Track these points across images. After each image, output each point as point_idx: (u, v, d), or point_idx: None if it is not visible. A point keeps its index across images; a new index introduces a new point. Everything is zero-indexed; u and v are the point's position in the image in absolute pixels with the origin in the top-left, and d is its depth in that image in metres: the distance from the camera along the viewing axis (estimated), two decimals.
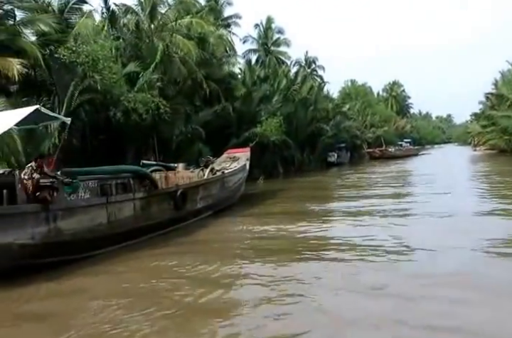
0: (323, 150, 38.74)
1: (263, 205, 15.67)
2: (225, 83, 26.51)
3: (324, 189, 23.00)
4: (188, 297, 6.42)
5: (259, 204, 15.80)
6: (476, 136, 54.16)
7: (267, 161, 29.28)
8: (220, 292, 6.60)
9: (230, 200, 14.32)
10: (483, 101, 52.72)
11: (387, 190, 18.89)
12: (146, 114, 15.66)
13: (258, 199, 17.51)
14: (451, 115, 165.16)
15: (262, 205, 15.69)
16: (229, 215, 13.17)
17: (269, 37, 51.47)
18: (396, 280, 6.73)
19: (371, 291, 6.30)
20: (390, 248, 8.52)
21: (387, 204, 14.13)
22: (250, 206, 15.45)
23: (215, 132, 25.86)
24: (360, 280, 6.78)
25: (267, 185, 24.89)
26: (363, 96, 66.88)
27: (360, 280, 6.82)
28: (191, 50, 22.94)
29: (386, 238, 9.34)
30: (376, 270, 7.29)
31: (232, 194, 14.56)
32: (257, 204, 15.90)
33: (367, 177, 27.30)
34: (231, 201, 14.43)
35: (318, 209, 14.68)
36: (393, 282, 6.66)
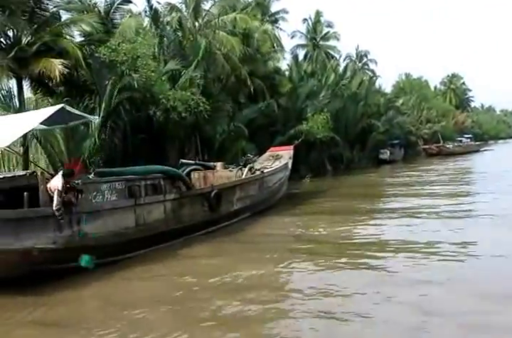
0: (375, 147, 37.40)
1: (306, 205, 15.00)
2: (269, 79, 25.94)
3: (373, 187, 22.00)
4: (225, 307, 5.93)
5: (302, 205, 15.16)
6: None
7: (313, 159, 28.51)
8: (262, 301, 6.05)
9: (271, 201, 13.79)
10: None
11: (443, 190, 17.70)
12: (186, 112, 15.37)
13: (302, 199, 16.84)
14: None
15: (306, 205, 15.02)
16: (268, 216, 12.64)
17: (318, 32, 50.49)
18: (477, 304, 5.57)
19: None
20: (458, 256, 7.71)
21: (445, 205, 13.20)
22: (293, 206, 14.86)
23: (259, 130, 25.41)
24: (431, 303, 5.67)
25: (314, 184, 24.16)
26: (418, 90, 64.30)
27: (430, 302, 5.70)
28: (235, 46, 22.55)
29: (451, 242, 8.56)
30: (446, 290, 6.10)
31: (273, 195, 14.00)
32: (301, 204, 15.26)
33: (421, 175, 25.91)
34: (271, 201, 13.89)
35: (368, 208, 13.96)
36: (473, 306, 5.54)
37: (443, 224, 10.74)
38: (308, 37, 51.14)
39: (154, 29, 20.28)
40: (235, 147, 21.99)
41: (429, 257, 7.78)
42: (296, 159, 28.05)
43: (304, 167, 27.69)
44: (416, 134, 53.81)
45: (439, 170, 29.33)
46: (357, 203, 15.25)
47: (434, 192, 17.00)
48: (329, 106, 31.32)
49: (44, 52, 14.77)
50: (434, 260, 7.63)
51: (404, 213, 12.51)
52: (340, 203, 15.86)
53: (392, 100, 44.98)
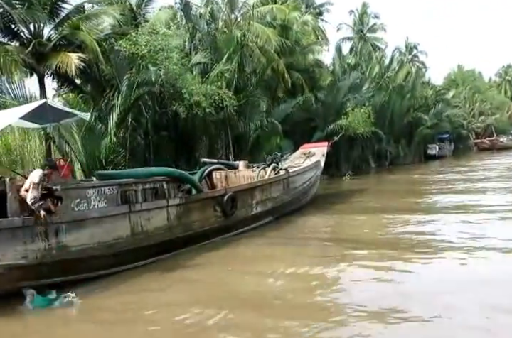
0: (422, 142, 35.38)
1: (340, 208, 13.70)
2: (309, 72, 24.73)
3: (417, 186, 20.35)
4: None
5: (336, 207, 13.88)
6: None
7: (356, 156, 27.11)
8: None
9: (298, 203, 12.68)
10: None
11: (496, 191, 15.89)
12: (210, 108, 14.44)
13: (337, 201, 15.52)
14: None
15: (340, 208, 13.73)
16: (295, 221, 11.55)
17: (365, 23, 48.43)
18: None
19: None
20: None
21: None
22: (325, 209, 13.65)
23: (297, 125, 24.28)
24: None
25: (354, 182, 22.79)
26: (470, 82, 61.05)
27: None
28: (271, 38, 21.48)
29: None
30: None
31: (301, 196, 12.87)
32: (334, 206, 14.00)
33: (470, 171, 23.98)
34: (299, 203, 12.77)
35: (413, 219, 11.28)
36: None
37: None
38: (355, 30, 49.25)
39: (186, 22, 19.47)
40: (269, 144, 20.97)
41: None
42: (337, 156, 26.89)
43: (346, 165, 26.39)
44: (467, 128, 51.01)
45: (490, 167, 27.15)
46: (396, 206, 13.85)
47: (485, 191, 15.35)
48: (373, 99, 29.82)
49: (63, 46, 14.28)
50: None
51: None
52: (376, 204, 14.55)
53: (442, 92, 42.45)
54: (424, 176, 25.05)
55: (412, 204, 14.42)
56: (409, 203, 14.61)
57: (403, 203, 14.65)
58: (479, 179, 20.21)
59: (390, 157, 31.36)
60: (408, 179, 23.95)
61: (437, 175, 25.89)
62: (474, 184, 18.61)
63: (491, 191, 15.85)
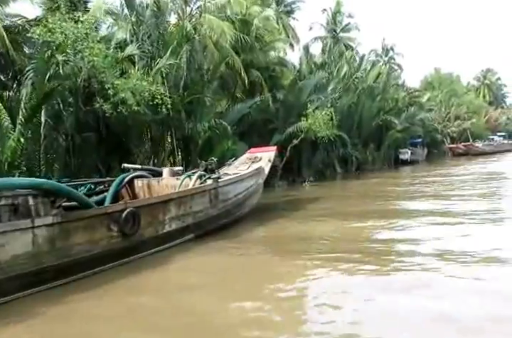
0: (394, 146, 34.08)
1: (282, 223, 11.99)
2: (269, 71, 23.10)
3: (379, 194, 18.92)
4: None
5: (277, 221, 12.21)
6: None
7: (319, 161, 25.57)
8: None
9: (231, 216, 11.02)
10: None
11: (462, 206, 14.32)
12: (138, 106, 12.71)
13: (283, 212, 13.90)
14: None
15: (281, 222, 12.01)
16: (222, 237, 9.88)
17: (338, 23, 47.17)
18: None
19: None
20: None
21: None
22: (264, 220, 12.02)
23: (255, 127, 22.69)
24: None
25: (313, 189, 21.26)
26: (447, 86, 60.31)
27: None
28: (226, 32, 19.82)
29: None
30: None
31: (235, 208, 11.20)
32: (277, 219, 12.34)
33: (438, 180, 22.65)
34: (233, 216, 11.11)
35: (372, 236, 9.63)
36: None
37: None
38: (328, 29, 47.98)
39: (128, 12, 17.74)
40: (221, 147, 19.30)
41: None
42: (298, 161, 25.35)
43: (308, 170, 24.85)
44: (442, 132, 50.09)
45: (462, 173, 25.90)
46: (345, 212, 12.31)
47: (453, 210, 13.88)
48: (340, 101, 28.42)
49: None
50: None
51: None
52: (325, 211, 12.98)
53: (416, 95, 41.27)
54: (391, 182, 23.64)
55: (365, 211, 13.04)
56: (364, 210, 13.25)
57: (355, 210, 13.47)
58: (447, 186, 18.92)
59: (358, 162, 29.95)
60: (370, 187, 22.54)
61: (404, 181, 24.62)
62: (440, 191, 17.37)
63: (457, 199, 14.82)
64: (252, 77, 22.68)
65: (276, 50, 23.50)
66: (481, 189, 17.29)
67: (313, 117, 21.00)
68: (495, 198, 14.92)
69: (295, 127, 21.64)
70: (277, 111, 23.82)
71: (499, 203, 13.78)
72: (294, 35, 41.99)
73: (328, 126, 21.40)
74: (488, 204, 13.34)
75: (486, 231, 9.44)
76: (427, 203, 14.54)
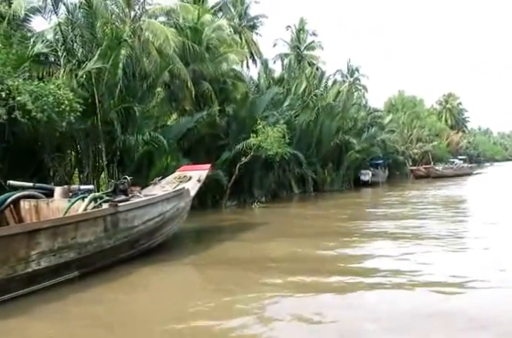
0: (353, 167, 32.85)
1: (205, 254, 10.20)
2: (219, 83, 21.52)
3: (330, 218, 17.34)
4: None
5: (200, 251, 10.41)
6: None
7: (273, 180, 23.94)
8: None
9: (138, 247, 9.11)
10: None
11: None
12: (42, 112, 10.75)
13: (211, 241, 12.05)
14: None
15: (203, 254, 10.22)
16: (122, 275, 7.99)
17: (302, 40, 46.52)
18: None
19: None
20: None
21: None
22: (178, 255, 10.09)
23: (202, 143, 20.96)
24: None
25: (262, 211, 19.54)
26: (410, 108, 60.40)
27: None
28: (169, 39, 18.18)
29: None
30: None
31: (144, 238, 9.28)
32: (198, 250, 10.53)
33: (395, 203, 21.33)
34: (140, 248, 9.20)
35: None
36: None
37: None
38: (291, 46, 47.25)
39: (54, 10, 15.91)
40: (161, 162, 17.47)
41: None
42: (250, 180, 23.68)
43: (260, 190, 23.15)
44: (404, 154, 49.57)
45: (419, 196, 24.76)
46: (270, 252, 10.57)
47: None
48: (298, 118, 27.11)
49: None
50: None
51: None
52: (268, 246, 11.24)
53: (377, 116, 40.47)
54: (349, 204, 22.21)
55: (314, 232, 11.59)
56: (313, 232, 11.98)
57: (296, 232, 12.03)
58: (402, 209, 17.54)
59: (316, 182, 28.55)
60: (328, 207, 21.06)
61: (362, 203, 23.22)
62: (396, 214, 16.03)
63: (411, 222, 13.77)
64: (203, 88, 21.10)
65: (230, 62, 21.86)
66: (436, 215, 15.99)
67: (263, 134, 19.41)
68: (450, 225, 13.57)
69: (244, 144, 19.96)
70: (229, 126, 22.21)
71: (455, 230, 12.39)
72: (257, 50, 41.00)
73: (279, 144, 19.83)
74: (443, 229, 12.04)
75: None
76: (382, 225, 13.80)
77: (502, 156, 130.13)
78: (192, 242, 12.74)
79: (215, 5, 31.45)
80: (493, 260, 8.51)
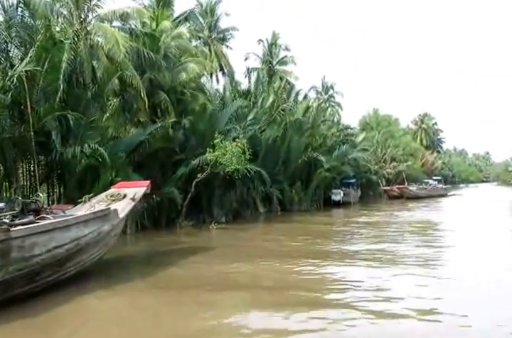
0: (323, 186, 31.56)
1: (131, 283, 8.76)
2: (176, 93, 20.09)
3: (293, 240, 15.81)
4: None
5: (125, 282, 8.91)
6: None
7: (234, 199, 22.37)
8: None
9: (40, 281, 7.47)
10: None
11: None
12: None
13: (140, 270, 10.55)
14: (489, 153, 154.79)
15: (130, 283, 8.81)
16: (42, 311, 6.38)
17: (274, 55, 45.56)
18: None
19: None
20: None
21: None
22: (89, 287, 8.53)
23: (156, 157, 19.36)
24: None
25: (220, 233, 17.97)
26: (385, 127, 59.82)
27: None
28: (119, 43, 16.71)
29: None
30: None
31: (49, 269, 7.63)
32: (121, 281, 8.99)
33: (363, 225, 19.98)
34: (44, 281, 7.56)
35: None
36: None
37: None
38: (264, 60, 46.25)
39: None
40: (104, 178, 15.81)
41: None
42: (209, 198, 22.10)
43: (221, 210, 21.56)
44: (378, 173, 48.57)
45: (385, 223, 23.40)
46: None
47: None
48: (264, 133, 25.78)
49: None
50: None
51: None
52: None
53: (349, 133, 39.42)
54: (314, 225, 20.80)
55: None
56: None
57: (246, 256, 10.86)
58: (370, 233, 16.17)
59: (283, 202, 27.11)
60: (290, 229, 19.57)
61: (329, 225, 21.74)
62: (362, 238, 14.70)
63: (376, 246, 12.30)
64: (159, 99, 19.64)
65: (190, 72, 20.41)
66: (402, 241, 14.66)
67: (220, 149, 17.94)
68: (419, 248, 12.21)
69: (200, 159, 18.44)
70: (187, 139, 20.71)
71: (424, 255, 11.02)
72: (226, 63, 39.84)
73: (239, 160, 18.35)
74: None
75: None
76: (344, 249, 12.95)
77: (476, 177, 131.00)
78: (134, 267, 11.28)
79: (182, 14, 30.25)
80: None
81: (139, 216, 17.39)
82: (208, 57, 38.83)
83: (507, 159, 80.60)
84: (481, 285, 8.40)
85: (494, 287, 8.20)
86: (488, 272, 9.63)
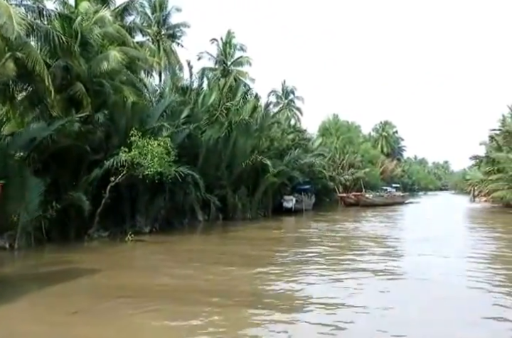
0: (271, 192, 29.32)
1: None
2: (92, 84, 17.45)
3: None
4: None
5: None
6: (477, 185, 44.25)
7: (160, 206, 19.74)
8: None
9: None
10: (486, 142, 43.38)
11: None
12: None
13: None
14: (448, 161, 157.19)
15: None
16: None
17: (229, 55, 43.33)
18: None
19: None
20: None
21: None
22: None
23: (66, 157, 16.62)
24: None
25: (133, 248, 15.38)
26: (344, 133, 58.39)
27: None
28: (13, 20, 13.96)
29: None
30: None
31: None
32: None
33: (306, 236, 17.80)
34: None
35: None
36: None
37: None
38: (218, 60, 43.93)
39: None
40: None
41: None
42: (132, 205, 19.42)
43: (146, 219, 18.94)
44: (335, 180, 46.84)
45: (332, 230, 21.35)
46: None
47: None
48: (205, 133, 23.39)
49: None
50: None
51: None
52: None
53: (302, 137, 37.31)
54: (250, 237, 18.50)
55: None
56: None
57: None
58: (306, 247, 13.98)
59: (225, 209, 24.72)
60: (222, 241, 17.25)
61: (269, 236, 19.47)
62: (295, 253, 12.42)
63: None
64: (75, 89, 16.97)
65: (111, 61, 17.75)
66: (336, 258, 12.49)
67: (138, 148, 15.39)
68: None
69: (114, 160, 15.83)
70: (108, 138, 18.08)
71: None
72: (175, 61, 37.29)
73: (161, 162, 15.83)
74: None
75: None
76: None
77: (435, 186, 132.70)
78: None
79: (121, 4, 27.61)
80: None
81: (35, 228, 14.59)
82: (156, 54, 36.36)
83: (464, 168, 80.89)
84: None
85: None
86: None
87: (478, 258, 12.86)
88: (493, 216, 31.18)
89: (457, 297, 8.42)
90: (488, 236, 18.67)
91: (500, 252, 14.22)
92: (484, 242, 16.69)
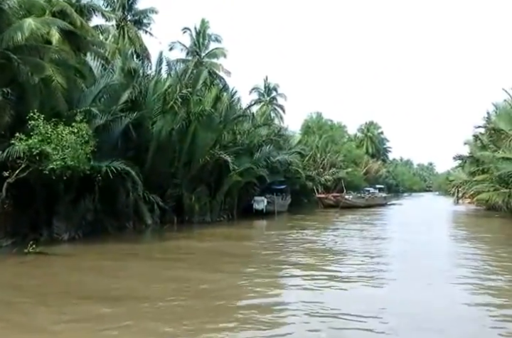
0: (237, 192, 26.16)
1: None
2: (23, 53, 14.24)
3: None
4: None
5: None
6: (461, 186, 41.59)
7: (89, 208, 16.47)
8: None
9: None
10: (471, 142, 40.72)
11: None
12: None
13: None
14: (432, 163, 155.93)
15: None
16: None
17: (202, 45, 40.11)
18: None
19: None
20: None
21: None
22: None
23: None
24: None
25: (19, 266, 11.95)
26: (326, 132, 55.60)
27: None
28: None
29: None
30: None
31: None
32: None
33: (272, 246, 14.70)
34: None
35: None
36: None
37: None
38: (190, 51, 40.72)
39: None
40: None
41: None
42: (50, 208, 15.86)
43: (66, 222, 15.61)
44: (315, 180, 43.86)
45: (301, 239, 18.17)
46: None
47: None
48: (156, 124, 20.26)
49: None
50: None
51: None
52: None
53: (278, 133, 34.05)
54: (200, 246, 15.37)
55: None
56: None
57: None
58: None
59: (183, 211, 21.59)
60: (160, 251, 14.04)
61: (221, 246, 16.31)
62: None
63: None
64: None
65: (25, 31, 14.49)
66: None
67: (39, 135, 12.14)
68: None
69: (8, 151, 12.53)
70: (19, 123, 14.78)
71: None
72: (140, 48, 33.95)
73: (76, 153, 12.60)
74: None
75: None
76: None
77: (420, 187, 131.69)
78: None
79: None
80: None
81: None
82: (119, 41, 33.35)
83: (448, 170, 78.76)
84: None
85: None
86: None
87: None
88: (476, 219, 28.37)
89: None
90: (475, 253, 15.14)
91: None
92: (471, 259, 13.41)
